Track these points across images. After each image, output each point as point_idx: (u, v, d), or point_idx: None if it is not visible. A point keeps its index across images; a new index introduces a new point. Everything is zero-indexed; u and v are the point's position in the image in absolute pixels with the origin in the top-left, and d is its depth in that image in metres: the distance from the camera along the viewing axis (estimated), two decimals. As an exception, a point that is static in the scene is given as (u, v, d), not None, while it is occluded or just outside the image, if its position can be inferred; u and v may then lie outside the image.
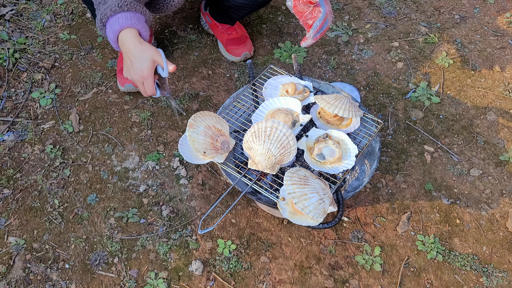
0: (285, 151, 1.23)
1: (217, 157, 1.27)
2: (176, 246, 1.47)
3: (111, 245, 1.46)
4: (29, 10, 2.11)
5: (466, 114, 1.83)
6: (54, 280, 1.40)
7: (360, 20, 2.15)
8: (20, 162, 1.63)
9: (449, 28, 2.12)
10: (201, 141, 1.25)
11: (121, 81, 1.79)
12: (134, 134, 1.72)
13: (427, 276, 1.45)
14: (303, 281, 1.42)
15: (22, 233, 1.48)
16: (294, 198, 1.15)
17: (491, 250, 1.50)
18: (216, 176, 1.63)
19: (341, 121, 1.40)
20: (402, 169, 1.67)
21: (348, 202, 1.58)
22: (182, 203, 1.56)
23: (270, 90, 1.44)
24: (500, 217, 1.57)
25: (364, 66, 1.97)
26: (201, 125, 1.27)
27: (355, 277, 1.44)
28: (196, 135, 1.25)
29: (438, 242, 1.51)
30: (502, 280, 1.44)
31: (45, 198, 1.55)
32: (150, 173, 1.62)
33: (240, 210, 1.55)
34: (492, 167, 1.69)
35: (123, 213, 1.53)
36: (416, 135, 1.76)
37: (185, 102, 1.81)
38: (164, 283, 1.40)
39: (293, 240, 1.50)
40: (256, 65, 1.95)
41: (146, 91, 1.27)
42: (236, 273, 1.43)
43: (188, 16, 2.12)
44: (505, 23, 2.15)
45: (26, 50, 1.94)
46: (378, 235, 1.52)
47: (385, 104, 1.85)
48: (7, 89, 1.82)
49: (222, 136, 1.29)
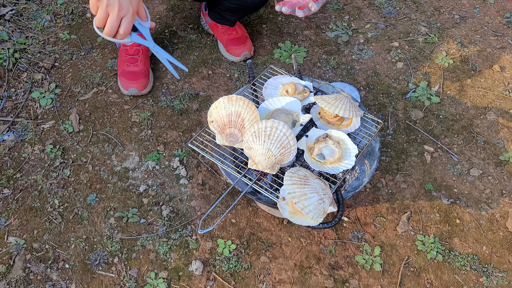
0: (285, 151, 1.23)
1: (218, 137, 1.28)
2: (176, 246, 1.47)
3: (111, 245, 1.46)
4: (29, 10, 2.11)
5: (466, 114, 1.83)
6: (54, 280, 1.40)
7: (360, 20, 2.15)
8: (20, 162, 1.63)
9: (449, 28, 2.13)
10: (219, 114, 1.27)
11: (124, 84, 1.80)
12: (134, 134, 1.72)
13: (427, 276, 1.45)
14: (303, 281, 1.42)
15: (22, 233, 1.48)
16: (294, 198, 1.15)
17: (491, 250, 1.50)
18: (216, 176, 1.63)
19: (342, 121, 1.40)
20: (402, 169, 1.67)
21: (348, 202, 1.58)
22: (182, 203, 1.56)
23: (270, 90, 1.44)
24: (500, 217, 1.57)
25: (364, 66, 1.97)
26: (233, 106, 1.26)
27: (355, 277, 1.44)
28: (221, 109, 1.26)
29: (438, 242, 1.51)
30: (502, 280, 1.44)
31: (45, 198, 1.55)
32: (150, 173, 1.62)
33: (240, 210, 1.55)
34: (492, 167, 1.69)
35: (123, 213, 1.53)
36: (416, 135, 1.76)
37: (185, 102, 1.81)
38: (164, 283, 1.40)
39: (293, 240, 1.50)
40: (256, 65, 1.95)
41: (121, 29, 1.09)
42: (236, 273, 1.43)
43: (188, 16, 2.12)
44: (505, 23, 2.15)
45: (26, 50, 1.94)
46: (378, 235, 1.52)
47: (385, 104, 1.85)
48: (7, 89, 1.82)
49: (236, 129, 1.28)
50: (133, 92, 1.79)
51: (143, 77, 1.80)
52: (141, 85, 1.79)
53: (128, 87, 1.79)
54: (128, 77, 1.79)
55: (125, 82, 1.80)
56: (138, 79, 1.79)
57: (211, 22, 1.97)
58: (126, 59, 1.82)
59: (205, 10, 2.01)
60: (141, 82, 1.79)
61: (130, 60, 1.81)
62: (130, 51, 1.82)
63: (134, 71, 1.80)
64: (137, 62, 1.81)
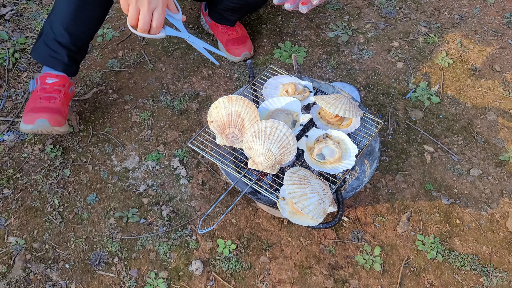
0: (285, 151, 1.23)
1: (218, 137, 1.28)
2: (176, 246, 1.47)
3: (111, 245, 1.46)
4: (29, 10, 2.11)
5: (466, 114, 1.83)
6: (54, 280, 1.40)
7: (360, 20, 2.15)
8: (20, 162, 1.63)
9: (449, 28, 2.13)
10: (219, 114, 1.26)
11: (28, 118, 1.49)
12: (134, 134, 1.72)
13: (427, 276, 1.45)
14: (303, 281, 1.42)
15: (22, 233, 1.48)
16: (294, 198, 1.15)
17: (491, 250, 1.50)
18: (216, 176, 1.63)
19: (342, 121, 1.40)
20: (402, 169, 1.67)
21: (348, 202, 1.58)
22: (182, 203, 1.56)
23: (270, 90, 1.44)
24: (500, 217, 1.57)
25: (364, 66, 1.97)
26: (233, 106, 1.26)
27: (355, 277, 1.44)
28: (221, 109, 1.26)
29: (438, 242, 1.51)
30: (502, 280, 1.44)
31: (45, 198, 1.55)
32: (150, 173, 1.62)
33: (240, 210, 1.55)
34: (492, 167, 1.69)
35: (123, 213, 1.53)
36: (416, 135, 1.76)
37: (185, 102, 1.81)
38: (164, 283, 1.40)
39: (293, 240, 1.50)
40: (256, 65, 1.95)
41: (154, 22, 1.08)
42: (236, 273, 1.43)
43: (188, 16, 2.12)
44: (505, 23, 2.15)
45: (26, 50, 1.94)
46: (378, 235, 1.52)
47: (385, 104, 1.85)
48: (7, 89, 1.82)
49: (236, 129, 1.27)
50: (41, 123, 1.48)
51: (57, 114, 1.52)
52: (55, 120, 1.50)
53: (34, 119, 1.48)
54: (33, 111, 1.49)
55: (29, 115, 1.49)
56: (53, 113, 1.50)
57: (211, 22, 1.97)
58: (40, 98, 1.54)
59: (205, 10, 2.01)
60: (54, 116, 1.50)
61: (45, 98, 1.54)
62: (50, 88, 1.55)
63: (45, 106, 1.51)
64: (55, 100, 1.54)
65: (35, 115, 1.48)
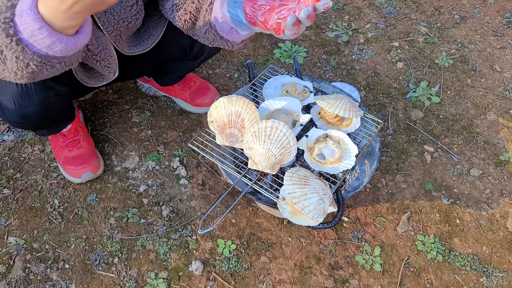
0: (285, 151, 1.23)
1: (218, 137, 1.28)
2: (176, 246, 1.47)
3: (111, 245, 1.46)
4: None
5: (466, 114, 1.83)
6: (54, 280, 1.40)
7: (360, 20, 2.15)
8: (20, 162, 1.63)
9: (449, 28, 2.13)
10: (219, 114, 1.26)
11: (75, 172, 1.56)
12: (134, 134, 1.72)
13: (427, 276, 1.45)
14: (303, 281, 1.42)
15: (22, 233, 1.48)
16: (294, 198, 1.15)
17: (491, 250, 1.50)
18: (216, 176, 1.63)
19: (342, 121, 1.40)
20: (402, 169, 1.67)
21: (348, 202, 1.58)
22: (182, 203, 1.56)
23: (270, 90, 1.44)
24: (500, 217, 1.57)
25: (364, 66, 1.97)
26: (233, 106, 1.25)
27: (355, 277, 1.44)
28: (221, 109, 1.25)
29: (438, 242, 1.51)
30: (502, 280, 1.44)
31: (45, 198, 1.55)
32: (150, 173, 1.62)
33: (240, 210, 1.55)
34: (492, 167, 1.69)
35: (123, 213, 1.53)
36: (416, 135, 1.76)
37: (185, 102, 1.81)
38: (164, 283, 1.40)
39: (293, 240, 1.50)
40: (256, 65, 1.95)
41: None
42: (236, 273, 1.43)
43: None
44: (505, 23, 2.15)
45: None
46: (378, 235, 1.52)
47: (385, 104, 1.85)
48: (7, 89, 1.82)
49: (236, 129, 1.27)
50: (88, 177, 1.56)
51: (93, 157, 1.57)
52: (95, 167, 1.56)
53: (80, 173, 1.55)
54: (75, 162, 1.55)
55: (74, 169, 1.55)
56: (89, 160, 1.56)
57: (161, 86, 1.78)
58: (65, 144, 1.56)
59: (149, 77, 1.79)
60: (92, 163, 1.56)
61: (71, 143, 1.57)
62: (68, 135, 1.57)
63: (79, 154, 1.56)
64: (79, 144, 1.57)
65: (78, 170, 1.55)
